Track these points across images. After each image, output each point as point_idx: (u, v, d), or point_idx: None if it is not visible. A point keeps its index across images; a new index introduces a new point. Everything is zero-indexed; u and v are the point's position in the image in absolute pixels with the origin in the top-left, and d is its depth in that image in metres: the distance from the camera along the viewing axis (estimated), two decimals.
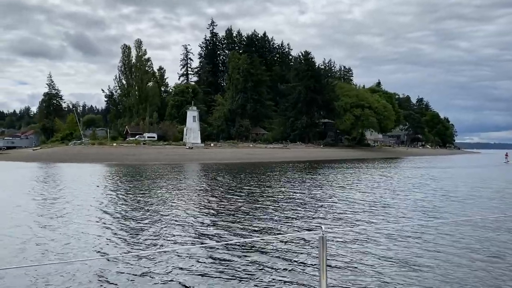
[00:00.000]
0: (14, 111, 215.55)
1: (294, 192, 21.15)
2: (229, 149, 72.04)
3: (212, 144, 74.34)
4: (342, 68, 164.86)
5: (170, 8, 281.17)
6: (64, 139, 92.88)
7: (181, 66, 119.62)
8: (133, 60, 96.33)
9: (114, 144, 66.12)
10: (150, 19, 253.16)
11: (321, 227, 3.01)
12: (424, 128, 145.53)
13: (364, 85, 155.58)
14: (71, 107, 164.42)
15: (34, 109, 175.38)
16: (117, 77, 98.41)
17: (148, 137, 74.84)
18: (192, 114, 75.28)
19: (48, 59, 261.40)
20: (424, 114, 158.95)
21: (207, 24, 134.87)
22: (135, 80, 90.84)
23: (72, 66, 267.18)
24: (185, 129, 74.84)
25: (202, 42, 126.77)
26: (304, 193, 20.71)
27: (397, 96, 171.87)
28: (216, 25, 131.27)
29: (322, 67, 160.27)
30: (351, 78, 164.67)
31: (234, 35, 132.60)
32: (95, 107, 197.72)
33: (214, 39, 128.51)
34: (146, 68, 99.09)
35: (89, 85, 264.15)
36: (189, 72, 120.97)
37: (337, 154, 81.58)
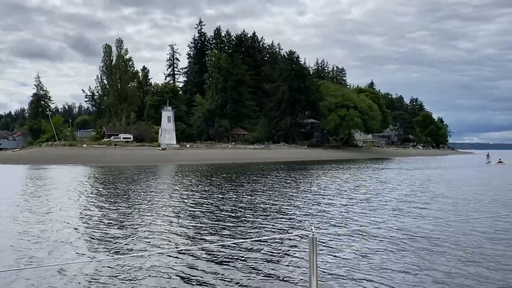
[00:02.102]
0: (10, 112, 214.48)
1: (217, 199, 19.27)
2: (205, 150, 70.15)
3: (188, 145, 72.37)
4: (335, 68, 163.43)
5: (170, 9, 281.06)
6: (49, 140, 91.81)
7: (167, 66, 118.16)
8: (114, 60, 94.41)
9: (84, 145, 64.28)
10: (149, 20, 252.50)
11: (311, 228, 3.03)
12: (416, 129, 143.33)
13: (358, 85, 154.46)
14: (60, 108, 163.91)
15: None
16: (98, 77, 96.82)
17: (123, 138, 72.94)
18: (167, 114, 73.32)
19: (48, 60, 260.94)
20: (416, 114, 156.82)
21: (195, 24, 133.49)
22: (114, 80, 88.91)
23: (73, 67, 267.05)
24: (160, 130, 72.94)
25: (191, 42, 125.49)
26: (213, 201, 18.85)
27: (390, 96, 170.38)
28: (204, 24, 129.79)
29: (315, 67, 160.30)
30: (344, 78, 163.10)
31: (223, 35, 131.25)
32: (91, 108, 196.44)
33: (203, 39, 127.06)
34: (128, 68, 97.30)
35: (89, 86, 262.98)
36: (176, 72, 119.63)
37: (319, 155, 79.63)
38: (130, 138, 73.75)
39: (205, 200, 18.15)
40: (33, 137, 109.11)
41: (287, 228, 12.17)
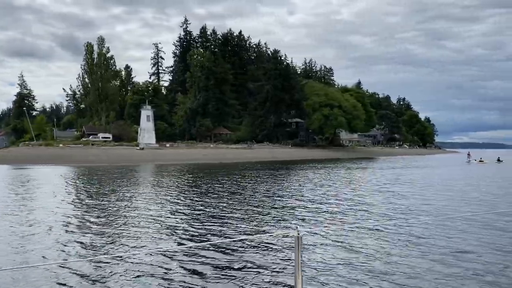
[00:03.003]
0: None
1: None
2: (185, 150, 69.20)
3: (167, 145, 71.34)
4: (323, 68, 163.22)
5: (160, 9, 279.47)
6: (32, 140, 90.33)
7: (152, 65, 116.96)
8: (96, 59, 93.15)
9: (61, 145, 63.06)
10: (139, 19, 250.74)
11: (297, 227, 3.02)
12: (402, 128, 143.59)
13: (346, 85, 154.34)
14: (47, 108, 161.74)
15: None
16: (80, 76, 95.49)
17: (102, 137, 71.73)
18: (146, 113, 72.13)
19: (37, 59, 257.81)
20: (403, 114, 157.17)
21: (181, 23, 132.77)
22: (95, 78, 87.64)
23: (62, 66, 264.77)
24: (139, 129, 71.82)
25: (176, 41, 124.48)
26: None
27: (377, 96, 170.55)
28: (190, 23, 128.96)
29: (303, 66, 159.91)
30: (332, 78, 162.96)
31: (209, 33, 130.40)
32: (72, 107, 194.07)
33: (188, 37, 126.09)
34: (110, 67, 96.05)
35: (70, 85, 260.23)
36: (160, 71, 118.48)
37: (302, 155, 79.15)
38: (109, 137, 72.53)
39: (184, 201, 17.73)
40: (16, 136, 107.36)
41: (270, 228, 12.06)
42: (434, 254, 8.99)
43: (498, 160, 62.03)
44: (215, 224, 12.51)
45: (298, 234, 2.97)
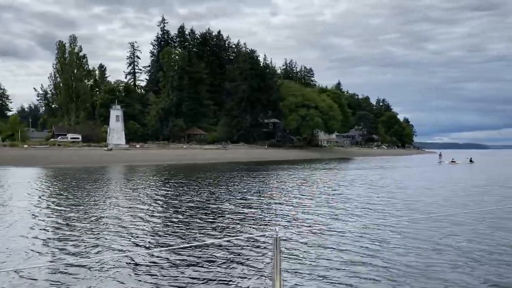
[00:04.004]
0: None
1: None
2: (156, 151, 67.91)
3: (138, 145, 69.89)
4: (303, 69, 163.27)
5: (142, 8, 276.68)
6: (4, 140, 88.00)
7: (128, 65, 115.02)
8: (67, 57, 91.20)
9: (25, 146, 61.20)
10: (121, 18, 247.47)
11: (275, 229, 3.01)
12: (380, 129, 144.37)
13: (326, 86, 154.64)
14: (26, 108, 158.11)
15: None
16: (52, 75, 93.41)
17: (71, 138, 69.91)
18: (115, 113, 70.51)
19: (17, 59, 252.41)
20: (382, 114, 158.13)
21: (158, 22, 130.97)
22: (66, 77, 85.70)
23: (42, 66, 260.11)
24: (108, 129, 70.20)
25: (154, 40, 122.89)
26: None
27: (356, 97, 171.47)
28: (167, 22, 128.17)
29: (283, 67, 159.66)
30: (312, 78, 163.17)
31: (187, 33, 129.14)
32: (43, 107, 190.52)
33: (166, 37, 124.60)
34: (83, 66, 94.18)
35: (41, 84, 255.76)
36: (137, 70, 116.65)
37: (277, 155, 78.51)
38: (78, 138, 70.74)
39: (152, 205, 17.13)
40: None
41: (245, 230, 11.93)
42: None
43: (470, 161, 62.27)
44: (185, 227, 12.16)
45: (277, 235, 2.97)
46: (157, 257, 8.91)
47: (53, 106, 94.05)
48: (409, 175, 36.36)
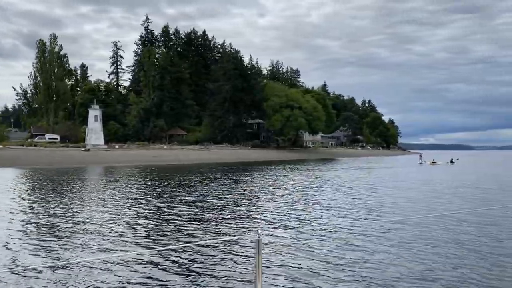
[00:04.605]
0: None
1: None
2: (135, 151, 66.96)
3: (117, 146, 68.79)
4: (289, 70, 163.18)
5: (129, 8, 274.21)
6: None
7: (110, 64, 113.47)
8: (48, 56, 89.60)
9: (0, 146, 59.78)
10: (108, 18, 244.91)
11: (258, 231, 3.02)
12: (365, 130, 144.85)
13: (313, 87, 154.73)
14: (10, 108, 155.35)
15: None
16: (32, 74, 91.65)
17: (49, 138, 68.54)
18: (94, 113, 69.25)
19: (1, 58, 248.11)
20: (367, 115, 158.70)
21: (142, 21, 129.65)
22: (45, 76, 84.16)
23: (27, 65, 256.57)
24: (86, 130, 68.99)
25: (138, 40, 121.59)
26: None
27: (342, 98, 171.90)
28: (151, 21, 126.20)
29: (270, 68, 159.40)
30: (298, 79, 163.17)
31: (171, 32, 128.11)
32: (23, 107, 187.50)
33: (150, 36, 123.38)
34: (64, 65, 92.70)
35: (20, 84, 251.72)
36: (120, 70, 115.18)
37: (260, 156, 78.03)
38: (56, 138, 69.39)
39: (134, 206, 16.84)
40: None
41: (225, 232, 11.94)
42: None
43: (451, 161, 62.57)
44: (163, 230, 11.97)
45: (259, 237, 2.96)
46: (136, 259, 8.79)
47: (33, 106, 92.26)
48: (384, 176, 36.14)
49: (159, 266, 8.39)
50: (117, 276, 7.79)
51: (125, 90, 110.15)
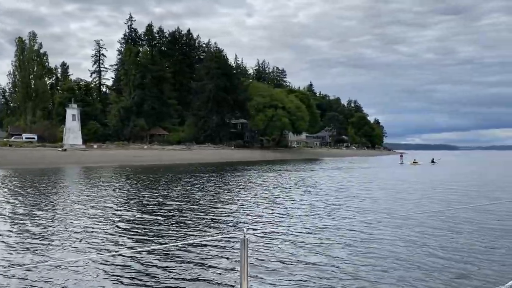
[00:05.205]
0: None
1: None
2: (114, 151, 65.92)
3: (95, 146, 67.67)
4: (275, 70, 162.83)
5: (115, 7, 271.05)
6: None
7: (93, 63, 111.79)
8: (26, 54, 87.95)
9: None
10: (94, 17, 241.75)
11: (243, 229, 3.04)
12: (350, 130, 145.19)
13: (299, 87, 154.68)
14: None
15: None
16: (11, 72, 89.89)
17: (26, 138, 67.15)
18: (71, 112, 67.97)
19: None
20: (353, 115, 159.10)
21: (125, 19, 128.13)
22: (24, 75, 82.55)
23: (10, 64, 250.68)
24: (64, 129, 67.70)
25: (121, 38, 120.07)
26: None
27: (328, 98, 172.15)
28: (135, 20, 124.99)
29: (256, 67, 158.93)
30: (284, 79, 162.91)
31: (155, 31, 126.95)
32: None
33: (133, 35, 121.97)
34: (44, 64, 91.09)
35: None
36: (102, 69, 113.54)
37: (243, 156, 77.49)
38: (34, 138, 67.98)
39: (116, 207, 16.73)
40: None
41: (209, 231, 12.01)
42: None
43: (432, 161, 62.72)
44: (147, 230, 11.92)
45: (245, 236, 2.96)
46: (120, 260, 8.74)
47: (11, 105, 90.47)
48: (359, 176, 35.88)
49: (142, 267, 8.37)
50: (99, 277, 7.74)
51: (108, 89, 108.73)
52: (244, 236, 2.95)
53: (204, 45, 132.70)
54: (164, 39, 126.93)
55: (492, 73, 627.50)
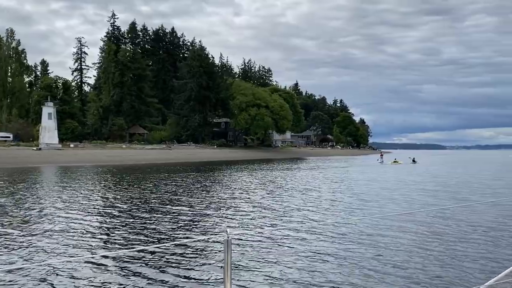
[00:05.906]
0: None
1: None
2: (91, 151, 64.68)
3: (72, 145, 66.31)
4: (261, 69, 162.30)
5: (102, 5, 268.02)
6: None
7: (74, 61, 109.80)
8: (5, 52, 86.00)
9: None
10: (80, 15, 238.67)
11: (226, 230, 3.03)
12: (335, 129, 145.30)
13: (285, 86, 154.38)
14: None
15: None
16: None
17: (0, 136, 65.48)
18: (47, 110, 66.37)
19: None
20: (338, 115, 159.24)
21: (108, 17, 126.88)
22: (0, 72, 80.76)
23: None
24: (40, 128, 66.22)
25: (104, 36, 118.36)
26: None
27: (313, 98, 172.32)
28: (118, 17, 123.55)
29: (242, 66, 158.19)
30: (270, 78, 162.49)
31: (139, 29, 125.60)
32: None
33: (116, 33, 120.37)
34: (23, 61, 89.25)
35: None
36: (84, 67, 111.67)
37: (225, 156, 76.79)
38: (9, 137, 66.26)
39: (95, 208, 16.43)
40: None
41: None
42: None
43: (413, 161, 62.59)
44: (130, 232, 11.65)
45: (228, 237, 2.96)
46: (102, 263, 8.59)
47: None
48: (331, 176, 35.36)
49: (123, 269, 8.25)
50: (81, 279, 7.63)
51: (89, 87, 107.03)
52: (228, 237, 2.96)
53: (188, 44, 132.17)
54: (148, 38, 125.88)
55: (475, 74, 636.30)
